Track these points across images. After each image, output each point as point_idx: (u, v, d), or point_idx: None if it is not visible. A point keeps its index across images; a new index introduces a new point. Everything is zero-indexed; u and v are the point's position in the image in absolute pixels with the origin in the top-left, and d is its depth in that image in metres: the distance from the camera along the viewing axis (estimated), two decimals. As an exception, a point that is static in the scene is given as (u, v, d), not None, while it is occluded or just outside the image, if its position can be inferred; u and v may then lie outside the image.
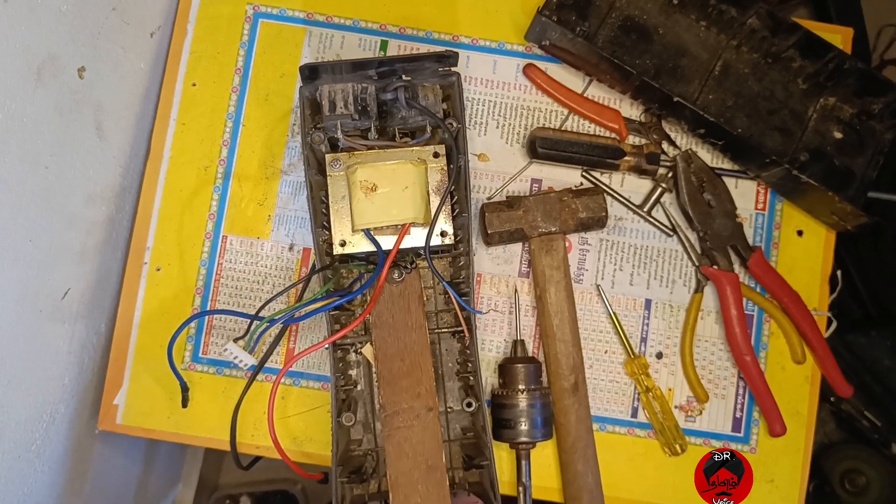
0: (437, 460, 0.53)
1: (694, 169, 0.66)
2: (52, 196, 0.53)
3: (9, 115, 0.46)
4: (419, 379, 0.55)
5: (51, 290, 0.56)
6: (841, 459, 1.09)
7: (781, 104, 0.66)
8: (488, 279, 0.66)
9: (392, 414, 0.54)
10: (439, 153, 0.58)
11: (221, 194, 0.66)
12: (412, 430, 0.54)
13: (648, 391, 0.64)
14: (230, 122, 0.67)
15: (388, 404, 0.54)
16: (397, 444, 0.53)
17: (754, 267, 0.65)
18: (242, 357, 0.61)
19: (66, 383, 0.60)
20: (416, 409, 0.54)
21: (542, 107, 0.68)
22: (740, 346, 0.63)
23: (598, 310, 0.66)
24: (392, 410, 0.54)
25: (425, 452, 0.53)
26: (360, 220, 0.57)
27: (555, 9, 0.63)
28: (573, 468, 0.60)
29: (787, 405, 0.64)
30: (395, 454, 0.53)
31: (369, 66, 0.57)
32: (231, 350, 0.61)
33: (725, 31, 0.66)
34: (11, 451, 0.53)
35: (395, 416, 0.54)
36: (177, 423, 0.63)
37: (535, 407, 0.59)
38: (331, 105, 0.57)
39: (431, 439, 0.53)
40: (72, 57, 0.53)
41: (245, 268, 0.65)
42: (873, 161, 0.65)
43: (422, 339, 0.56)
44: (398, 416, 0.54)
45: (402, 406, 0.54)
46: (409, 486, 0.52)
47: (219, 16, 0.68)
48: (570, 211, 0.63)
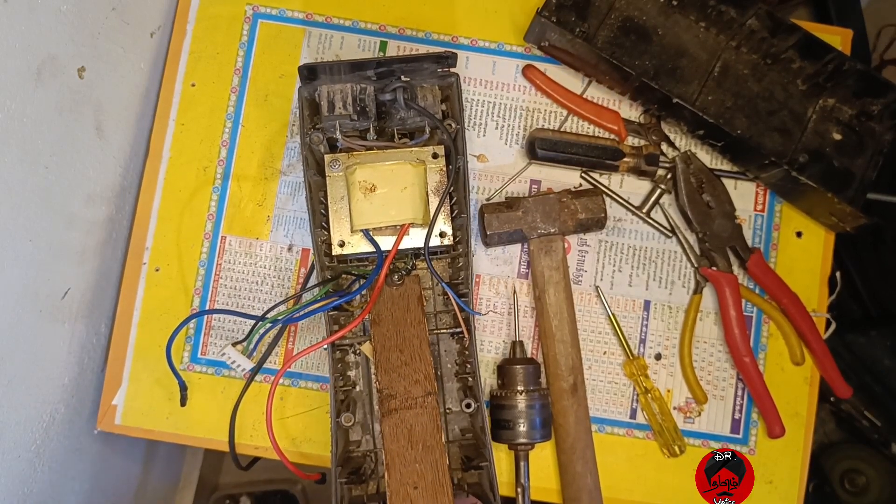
0: (434, 441, 0.52)
1: (693, 170, 0.66)
2: (52, 196, 0.54)
3: (9, 115, 0.46)
4: (417, 367, 0.54)
5: (51, 290, 0.56)
6: (841, 459, 1.09)
7: (781, 105, 0.66)
8: (487, 280, 0.66)
9: (388, 396, 0.53)
10: (438, 154, 0.58)
11: (220, 195, 0.66)
12: (409, 412, 0.53)
13: (647, 392, 0.64)
14: (229, 122, 0.67)
15: (385, 388, 0.54)
16: (393, 424, 0.52)
17: (753, 268, 0.65)
18: (240, 361, 0.61)
19: (65, 383, 0.60)
20: (414, 394, 0.53)
21: (542, 108, 0.68)
22: (739, 347, 0.63)
23: (596, 311, 0.66)
24: (388, 393, 0.53)
25: (423, 433, 0.52)
26: (359, 220, 0.57)
27: (554, 10, 0.63)
28: (572, 469, 0.61)
29: (786, 406, 0.64)
30: (391, 435, 0.52)
31: (368, 66, 0.57)
32: (229, 355, 0.61)
33: (725, 32, 0.66)
34: (11, 451, 0.53)
35: (391, 398, 0.53)
36: (176, 423, 0.63)
37: (533, 408, 0.59)
38: (329, 105, 0.57)
39: (429, 421, 0.53)
40: (72, 57, 0.53)
41: (244, 268, 0.65)
42: (872, 162, 0.65)
43: (421, 332, 0.56)
44: (394, 398, 0.53)
45: (399, 390, 0.54)
46: (406, 465, 0.51)
47: (218, 16, 0.68)
48: (569, 212, 0.63)
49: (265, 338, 0.63)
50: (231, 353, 0.61)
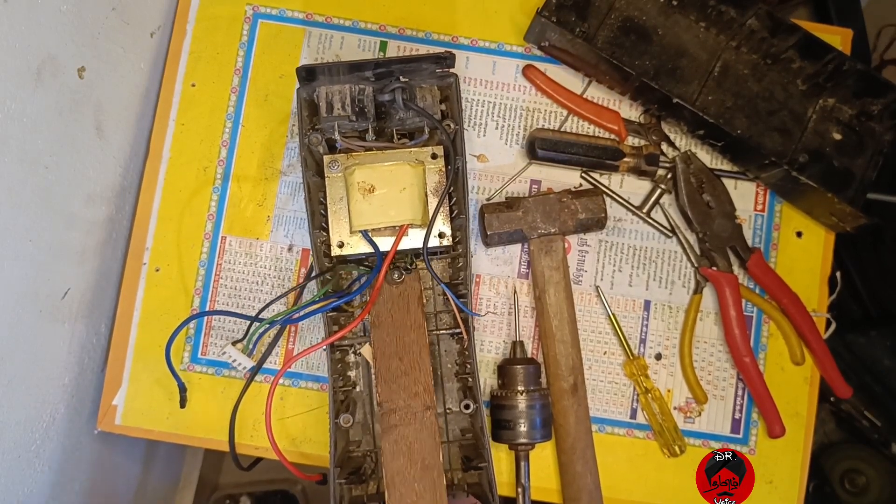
0: (433, 459, 0.53)
1: (693, 170, 0.66)
2: (52, 196, 0.54)
3: (9, 115, 0.46)
4: (417, 378, 0.55)
5: (51, 290, 0.56)
6: (841, 459, 1.09)
7: (781, 105, 0.66)
8: (487, 280, 0.66)
9: (389, 411, 0.54)
10: (437, 154, 0.58)
11: (220, 195, 0.66)
12: (409, 428, 0.53)
13: (647, 392, 0.64)
14: (229, 122, 0.67)
15: (386, 402, 0.54)
16: (393, 441, 0.53)
17: (753, 268, 0.65)
18: (241, 360, 0.61)
19: (66, 383, 0.60)
20: (414, 408, 0.54)
21: (542, 108, 0.68)
22: (739, 347, 0.63)
23: (597, 311, 0.66)
24: (389, 408, 0.54)
25: (422, 451, 0.53)
26: (358, 221, 0.57)
27: (554, 10, 0.63)
28: (572, 469, 0.61)
29: (787, 406, 0.64)
30: (391, 452, 0.53)
31: (366, 67, 0.57)
32: (230, 353, 0.61)
33: (725, 32, 0.66)
34: (11, 451, 0.53)
35: (391, 413, 0.54)
36: (176, 423, 0.63)
37: (534, 408, 0.59)
38: (328, 106, 0.57)
39: (428, 438, 0.53)
40: (72, 57, 0.53)
41: (244, 268, 0.65)
42: (872, 162, 0.65)
43: (421, 338, 0.56)
44: (395, 413, 0.54)
45: (399, 403, 0.54)
46: (405, 485, 0.52)
47: (218, 16, 0.68)
48: (569, 212, 0.63)
49: (265, 337, 0.63)
50: (232, 352, 0.61)
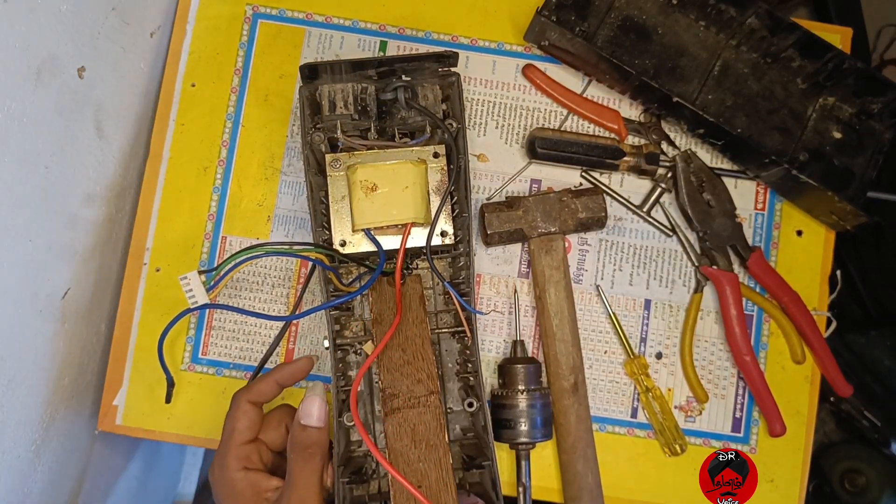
0: (438, 439, 0.52)
1: (693, 169, 0.66)
2: (52, 196, 0.53)
3: (9, 115, 0.46)
4: (420, 366, 0.54)
5: (51, 290, 0.56)
6: (841, 459, 1.09)
7: (781, 104, 0.66)
8: (488, 279, 0.66)
9: (391, 396, 0.53)
10: (439, 153, 0.58)
11: (221, 195, 0.66)
12: (412, 411, 0.52)
13: (648, 391, 0.64)
14: (229, 122, 0.67)
15: (388, 387, 0.53)
16: (397, 424, 0.52)
17: (754, 267, 0.65)
18: (197, 293, 0.57)
19: (66, 383, 0.60)
20: (417, 393, 0.53)
21: (542, 107, 0.68)
22: (740, 346, 0.63)
23: (597, 310, 0.66)
24: (391, 393, 0.53)
25: (426, 433, 0.52)
26: (361, 219, 0.57)
27: (554, 9, 0.64)
28: (573, 468, 0.60)
29: (787, 405, 0.64)
30: (394, 434, 0.52)
31: (369, 65, 0.57)
32: (190, 280, 0.56)
33: (725, 31, 0.66)
34: (11, 451, 0.53)
35: (393, 398, 0.53)
36: (176, 423, 0.63)
37: (534, 407, 0.59)
38: (330, 105, 0.57)
39: (432, 420, 0.52)
40: (72, 57, 0.53)
41: (244, 268, 0.65)
42: (873, 161, 0.65)
43: (423, 332, 0.55)
44: (397, 398, 0.53)
45: (402, 389, 0.53)
46: (409, 465, 0.51)
47: (218, 16, 0.68)
48: (569, 211, 0.63)
49: (260, 333, 0.63)
50: (192, 280, 0.56)
